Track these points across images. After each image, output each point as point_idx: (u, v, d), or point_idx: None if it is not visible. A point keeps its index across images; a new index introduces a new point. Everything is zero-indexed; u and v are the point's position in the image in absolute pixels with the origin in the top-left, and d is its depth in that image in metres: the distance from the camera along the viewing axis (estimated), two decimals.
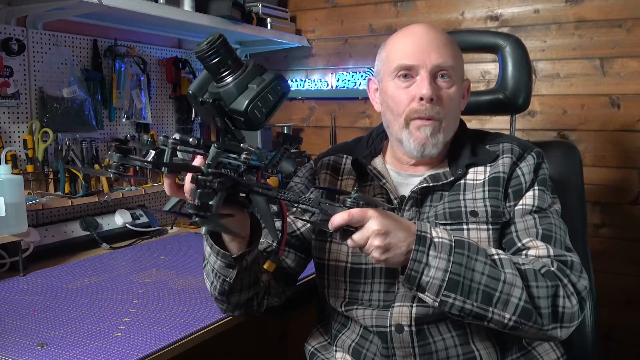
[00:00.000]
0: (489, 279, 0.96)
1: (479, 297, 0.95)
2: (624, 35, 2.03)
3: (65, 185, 1.77)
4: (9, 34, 1.66)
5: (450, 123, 1.12)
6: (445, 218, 1.08)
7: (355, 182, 1.20)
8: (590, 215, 2.07)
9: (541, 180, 1.12)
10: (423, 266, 0.95)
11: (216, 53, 0.91)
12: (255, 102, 0.90)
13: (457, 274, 0.95)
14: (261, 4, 2.36)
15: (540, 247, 1.04)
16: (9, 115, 1.69)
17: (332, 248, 1.16)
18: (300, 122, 2.66)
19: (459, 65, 1.13)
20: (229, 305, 1.14)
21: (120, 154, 0.88)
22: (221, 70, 0.91)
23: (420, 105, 1.09)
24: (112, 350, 1.02)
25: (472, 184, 1.12)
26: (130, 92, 2.01)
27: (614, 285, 2.05)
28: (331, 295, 1.17)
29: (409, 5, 2.39)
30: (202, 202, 0.83)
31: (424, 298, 0.98)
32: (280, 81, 0.93)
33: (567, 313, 0.98)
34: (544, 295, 0.97)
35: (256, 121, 0.91)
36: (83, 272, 1.52)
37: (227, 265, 1.03)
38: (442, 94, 1.10)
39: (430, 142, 1.10)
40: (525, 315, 0.96)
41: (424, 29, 1.13)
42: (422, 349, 1.06)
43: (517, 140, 1.17)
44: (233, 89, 0.91)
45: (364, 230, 0.93)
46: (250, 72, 0.92)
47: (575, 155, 1.42)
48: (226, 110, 0.92)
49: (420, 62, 1.09)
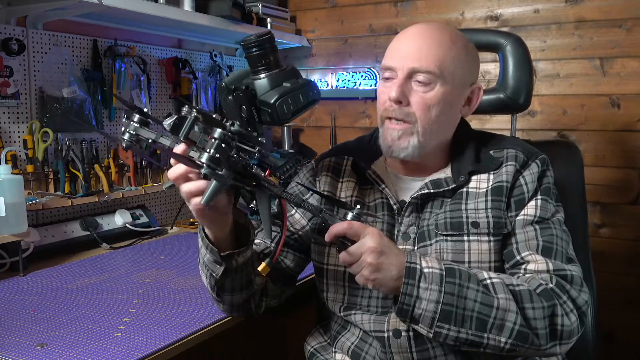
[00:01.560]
0: (482, 306, 0.95)
1: (473, 325, 0.95)
2: (624, 35, 2.03)
3: (65, 185, 1.77)
4: (9, 34, 1.66)
5: (428, 128, 1.07)
6: (447, 229, 1.07)
7: (355, 184, 1.18)
8: (590, 215, 2.07)
9: (544, 190, 1.10)
10: (414, 299, 0.95)
11: (261, 46, 0.95)
12: (285, 98, 0.95)
13: (449, 304, 0.95)
14: (261, 4, 2.36)
15: (540, 262, 1.03)
16: (9, 115, 1.69)
17: (332, 252, 1.15)
18: (300, 122, 2.66)
19: (451, 70, 1.06)
20: (225, 304, 1.14)
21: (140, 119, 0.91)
22: (261, 63, 0.96)
23: (390, 106, 1.08)
24: (112, 350, 1.02)
25: (474, 193, 1.10)
26: (130, 92, 2.01)
27: (614, 285, 2.05)
28: (330, 300, 1.17)
29: (409, 5, 2.39)
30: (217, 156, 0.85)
31: (418, 329, 0.98)
32: (313, 87, 0.99)
33: (566, 331, 0.98)
34: (540, 317, 0.96)
35: (282, 116, 0.95)
36: (83, 272, 1.52)
37: (215, 261, 1.04)
38: (416, 97, 1.06)
39: (398, 146, 1.08)
40: (521, 338, 0.95)
41: (417, 30, 1.10)
42: (420, 354, 1.06)
43: (522, 145, 1.14)
44: (267, 81, 0.96)
45: (359, 244, 0.93)
46: (287, 73, 0.97)
47: (577, 155, 1.42)
48: (256, 101, 0.96)
49: (398, 64, 1.07)
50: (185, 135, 0.90)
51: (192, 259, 1.63)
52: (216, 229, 1.02)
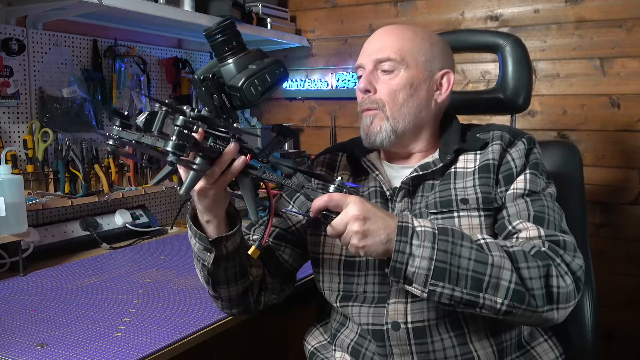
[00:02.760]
0: (477, 264, 0.94)
1: (468, 283, 0.94)
2: (624, 35, 2.03)
3: (65, 185, 1.77)
4: (9, 34, 1.66)
5: (396, 112, 1.14)
6: (436, 207, 1.09)
7: (350, 177, 1.22)
8: (590, 215, 2.07)
9: (533, 165, 1.12)
10: (407, 256, 0.94)
11: (222, 33, 0.96)
12: (252, 80, 0.95)
13: (443, 262, 0.94)
14: (261, 4, 2.36)
15: (531, 229, 1.04)
16: (9, 115, 1.69)
17: (327, 241, 1.17)
18: (300, 122, 2.66)
19: (414, 57, 1.14)
20: (223, 300, 1.14)
21: (120, 121, 0.91)
22: (225, 49, 0.96)
23: (362, 98, 1.16)
24: (112, 350, 1.02)
25: (462, 172, 1.13)
26: (130, 92, 2.01)
27: (614, 285, 2.05)
28: (326, 289, 1.18)
29: (409, 5, 2.39)
30: (180, 142, 0.85)
31: (413, 290, 0.96)
32: (279, 65, 0.98)
33: (562, 293, 0.97)
34: (536, 276, 0.96)
35: (251, 97, 0.96)
36: (83, 272, 1.52)
37: (205, 248, 1.04)
38: (381, 85, 1.14)
39: (372, 131, 1.14)
40: (517, 298, 0.94)
41: (384, 30, 1.19)
42: (419, 347, 1.06)
43: (509, 128, 1.18)
44: (233, 66, 0.96)
45: (343, 215, 0.93)
46: (252, 55, 0.98)
47: (576, 155, 1.42)
48: (224, 88, 0.97)
49: (364, 59, 1.16)
50: (158, 129, 0.90)
51: (192, 259, 1.63)
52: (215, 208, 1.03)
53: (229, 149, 0.95)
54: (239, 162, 0.96)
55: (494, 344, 1.07)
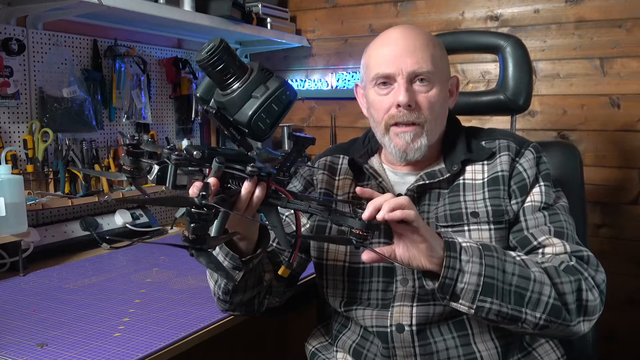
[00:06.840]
0: (520, 279, 0.95)
1: (512, 299, 0.94)
2: (624, 35, 2.03)
3: (65, 185, 1.77)
4: (9, 34, 1.66)
5: (433, 126, 1.11)
6: (446, 220, 1.08)
7: (352, 181, 1.20)
8: (590, 215, 2.07)
9: (545, 176, 1.12)
10: (457, 272, 0.93)
11: (219, 61, 0.86)
12: (258, 114, 0.87)
13: (491, 277, 0.94)
14: (261, 4, 2.36)
15: (557, 245, 1.04)
16: (9, 115, 1.69)
17: (331, 248, 1.16)
18: (300, 122, 2.66)
19: (439, 67, 1.10)
20: (231, 305, 1.14)
21: (132, 157, 0.88)
22: (224, 78, 0.87)
23: (399, 111, 1.09)
24: (112, 350, 1.02)
25: (471, 184, 1.11)
26: (130, 92, 2.01)
27: (614, 285, 2.03)
28: (330, 295, 1.17)
29: (409, 5, 2.39)
30: (197, 235, 0.82)
31: (458, 307, 0.96)
32: (285, 89, 0.89)
33: (591, 306, 0.98)
34: (569, 291, 0.97)
35: (261, 133, 0.88)
36: (83, 272, 1.52)
37: (234, 267, 1.03)
38: (421, 98, 1.09)
39: (412, 148, 1.10)
40: (554, 313, 0.95)
41: (400, 34, 1.11)
42: (423, 349, 1.06)
43: (512, 135, 1.17)
44: (236, 99, 0.87)
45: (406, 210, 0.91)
46: (254, 80, 0.88)
47: (576, 156, 1.42)
48: (231, 120, 0.90)
49: (396, 69, 1.08)
50: (172, 184, 0.87)
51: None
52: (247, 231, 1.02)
53: (245, 189, 0.91)
54: (258, 194, 0.92)
55: (497, 345, 1.08)
